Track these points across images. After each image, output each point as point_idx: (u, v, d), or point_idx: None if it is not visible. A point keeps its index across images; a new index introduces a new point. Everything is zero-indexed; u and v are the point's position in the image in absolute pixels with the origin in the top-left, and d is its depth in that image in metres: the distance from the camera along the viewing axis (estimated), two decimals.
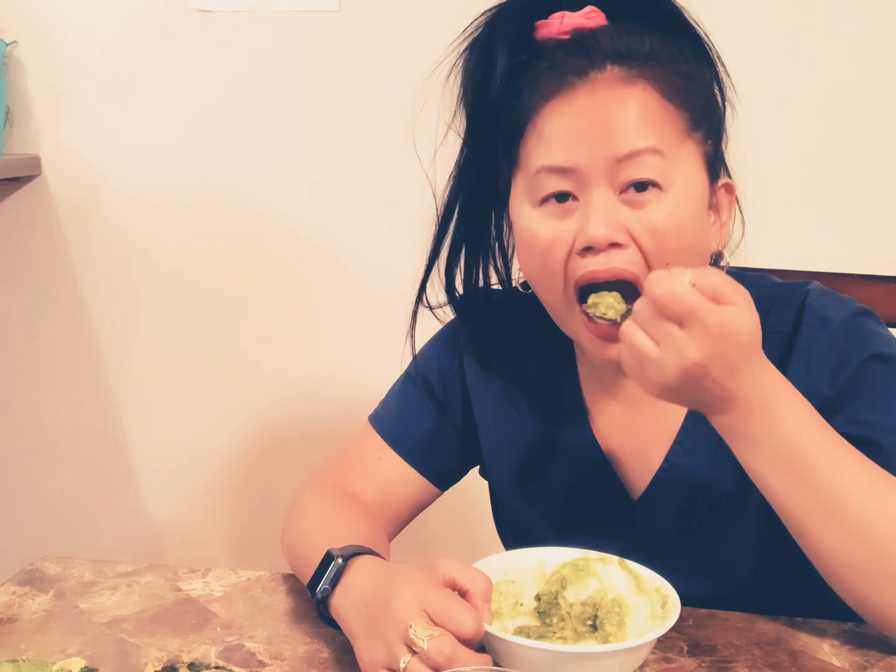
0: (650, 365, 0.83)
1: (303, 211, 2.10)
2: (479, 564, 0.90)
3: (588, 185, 0.92)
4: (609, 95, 0.91)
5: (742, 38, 1.87)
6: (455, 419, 1.12)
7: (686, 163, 0.94)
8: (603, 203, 0.91)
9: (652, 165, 0.91)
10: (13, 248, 2.23)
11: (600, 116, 0.91)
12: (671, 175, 0.92)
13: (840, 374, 0.96)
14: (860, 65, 1.84)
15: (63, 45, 2.13)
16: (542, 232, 0.95)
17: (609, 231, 0.90)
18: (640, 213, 0.92)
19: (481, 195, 1.03)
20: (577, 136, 0.91)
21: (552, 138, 0.93)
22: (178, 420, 2.23)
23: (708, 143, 0.97)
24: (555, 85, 0.93)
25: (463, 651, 0.77)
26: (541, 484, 1.08)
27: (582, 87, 0.92)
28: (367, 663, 0.82)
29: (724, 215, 1.00)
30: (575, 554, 0.94)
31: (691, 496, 1.02)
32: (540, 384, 1.08)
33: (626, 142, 0.91)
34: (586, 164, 0.91)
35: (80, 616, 0.98)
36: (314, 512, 1.07)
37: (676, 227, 0.92)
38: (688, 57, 0.96)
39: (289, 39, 2.04)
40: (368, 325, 2.07)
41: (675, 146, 0.93)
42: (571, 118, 0.92)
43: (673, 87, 0.93)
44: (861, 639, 0.93)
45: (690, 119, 0.94)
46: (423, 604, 0.79)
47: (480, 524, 1.26)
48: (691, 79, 0.95)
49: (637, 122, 0.91)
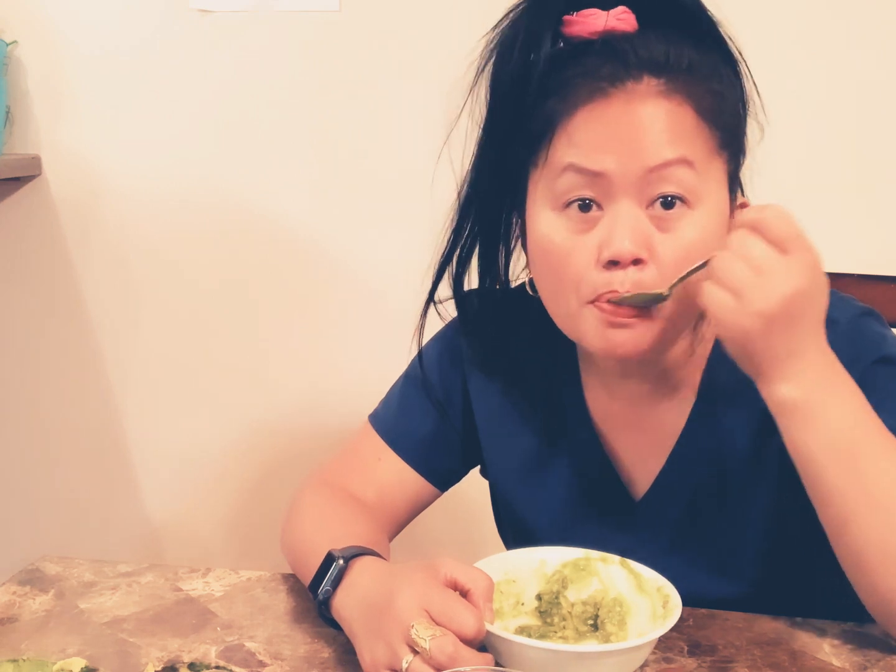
0: (751, 293, 0.82)
1: (303, 211, 2.10)
2: (480, 564, 0.90)
3: (614, 195, 0.89)
4: (644, 106, 0.89)
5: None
6: (455, 420, 1.12)
7: (713, 180, 0.92)
8: (631, 216, 0.89)
9: (681, 179, 0.89)
10: (13, 248, 2.23)
11: (634, 125, 0.89)
12: (699, 191, 0.90)
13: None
14: (858, 64, 1.84)
15: (63, 45, 2.13)
16: (560, 240, 0.92)
17: (634, 246, 0.88)
18: (666, 230, 0.90)
19: (499, 193, 1.00)
20: (609, 142, 0.89)
21: (582, 142, 0.90)
22: (178, 420, 2.23)
23: (732, 163, 0.95)
24: (588, 91, 0.89)
25: (465, 650, 0.77)
26: (542, 484, 1.08)
27: (616, 95, 0.89)
28: (369, 663, 0.82)
29: None
30: (576, 553, 0.95)
31: (693, 498, 1.02)
32: (541, 384, 1.08)
33: (657, 152, 0.88)
34: (615, 171, 0.89)
35: (80, 616, 0.98)
36: (314, 512, 1.07)
37: (700, 247, 0.90)
38: (721, 73, 0.93)
39: (289, 39, 2.04)
40: (369, 325, 2.07)
41: (706, 162, 0.91)
42: (604, 124, 0.89)
43: (707, 105, 0.91)
44: (861, 639, 0.93)
45: (721, 138, 0.92)
46: (425, 604, 0.79)
47: (481, 524, 1.26)
48: (724, 97, 0.93)
49: (671, 133, 0.89)
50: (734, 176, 0.96)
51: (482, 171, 0.99)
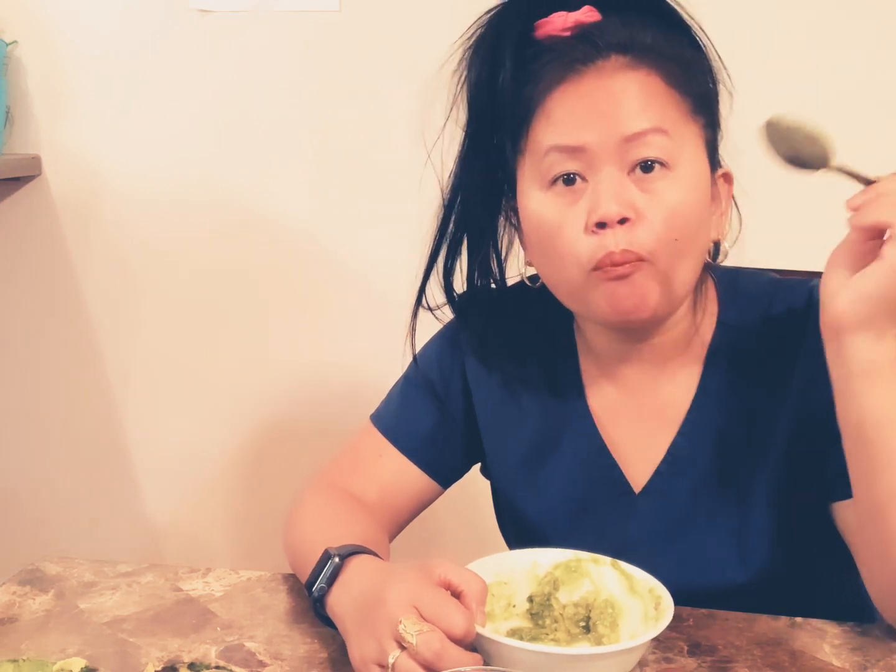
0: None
1: (303, 210, 2.10)
2: (472, 566, 0.89)
3: (596, 165, 0.93)
4: (614, 80, 0.94)
5: (751, 38, 1.87)
6: (456, 416, 1.13)
7: (690, 144, 0.96)
8: (613, 181, 0.93)
9: (658, 145, 0.93)
10: (13, 248, 2.23)
11: (607, 98, 0.93)
12: (676, 155, 0.94)
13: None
14: (860, 61, 1.84)
15: (63, 45, 2.13)
16: (551, 214, 0.96)
17: (620, 207, 0.92)
18: (649, 191, 0.93)
19: (483, 192, 1.03)
20: (585, 116, 0.93)
21: (560, 120, 0.94)
22: (178, 420, 2.23)
23: (708, 131, 0.99)
24: (561, 72, 0.94)
25: (452, 648, 0.77)
26: (543, 477, 1.08)
27: (588, 73, 0.94)
28: (358, 660, 0.82)
29: (724, 204, 1.02)
30: (567, 555, 0.94)
31: (694, 487, 1.02)
32: (540, 377, 1.09)
33: (632, 122, 0.93)
34: (595, 143, 0.93)
35: (80, 616, 0.98)
36: (314, 512, 1.07)
37: (684, 205, 0.94)
38: (684, 48, 0.98)
39: (289, 39, 2.04)
40: (370, 325, 2.07)
41: (680, 127, 0.95)
42: (579, 100, 0.94)
43: (674, 74, 0.95)
44: (861, 639, 0.93)
45: (692, 104, 0.96)
46: (415, 600, 0.79)
47: (482, 524, 1.26)
48: (691, 67, 0.97)
49: (642, 103, 0.93)
50: (712, 145, 1.00)
51: (466, 172, 1.02)
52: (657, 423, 1.04)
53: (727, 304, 1.05)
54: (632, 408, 1.05)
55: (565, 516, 1.07)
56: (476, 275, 1.06)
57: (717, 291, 1.06)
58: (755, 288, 1.05)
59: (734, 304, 1.04)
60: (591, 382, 1.07)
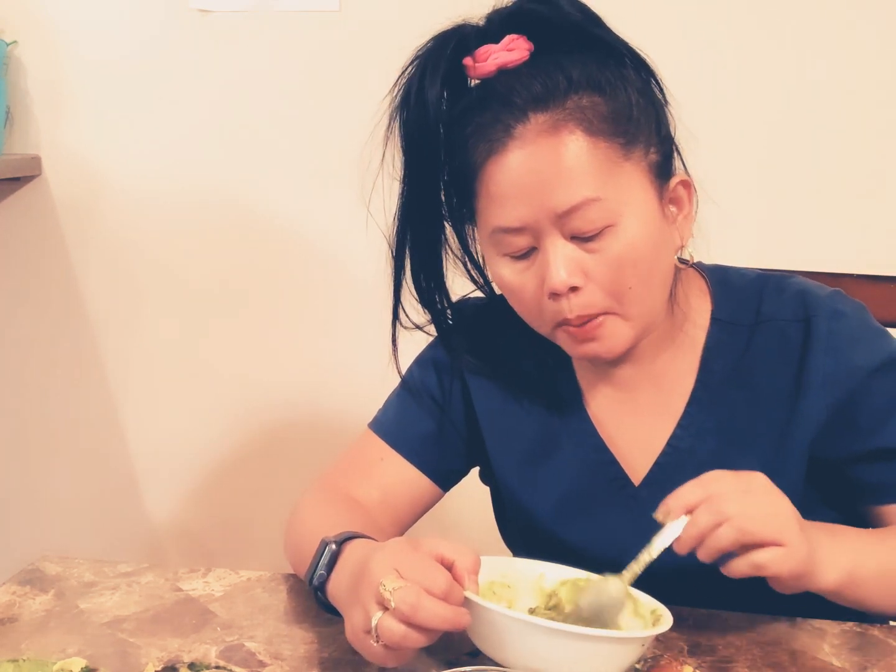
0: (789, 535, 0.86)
1: (302, 211, 2.09)
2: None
3: (540, 237, 0.95)
4: (536, 150, 0.93)
5: (753, 40, 1.87)
6: (456, 419, 1.13)
7: (629, 190, 0.95)
8: (558, 252, 0.94)
9: (592, 215, 0.93)
10: (13, 248, 2.23)
11: (533, 174, 0.93)
12: (616, 210, 0.94)
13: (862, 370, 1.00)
14: (860, 64, 1.84)
15: (63, 45, 2.13)
16: (510, 278, 0.99)
17: (568, 276, 0.94)
18: (595, 250, 0.95)
19: (428, 228, 1.05)
20: (518, 195, 0.94)
21: (497, 198, 0.96)
22: (178, 420, 2.23)
23: (651, 152, 0.97)
24: (488, 146, 0.95)
25: (428, 600, 0.77)
26: (545, 476, 1.09)
27: (512, 144, 0.94)
28: (349, 632, 0.83)
29: (686, 207, 1.01)
30: (576, 573, 0.93)
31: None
32: (537, 381, 1.10)
33: (561, 198, 0.93)
34: (531, 221, 0.94)
35: (80, 616, 0.98)
36: (316, 514, 1.07)
37: (633, 251, 0.95)
38: (606, 74, 0.96)
39: (289, 39, 2.04)
40: (370, 325, 2.05)
41: (614, 178, 0.94)
42: (508, 177, 0.94)
43: (598, 119, 0.93)
44: (861, 639, 0.93)
45: (623, 143, 0.94)
46: (396, 563, 0.80)
47: (482, 527, 1.26)
48: (614, 99, 0.95)
49: (568, 173, 0.93)
50: (658, 164, 0.98)
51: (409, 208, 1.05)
52: (655, 418, 1.06)
53: (720, 301, 1.06)
54: (629, 404, 1.07)
55: (568, 513, 1.08)
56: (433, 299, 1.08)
57: (710, 288, 1.07)
58: (745, 284, 1.07)
59: (727, 300, 1.06)
60: (587, 383, 1.09)
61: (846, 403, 1.00)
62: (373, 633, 0.79)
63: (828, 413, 1.00)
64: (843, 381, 0.99)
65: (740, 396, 1.03)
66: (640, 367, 1.06)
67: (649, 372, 1.06)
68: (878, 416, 1.00)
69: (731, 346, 1.04)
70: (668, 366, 1.06)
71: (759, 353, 1.03)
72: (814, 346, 1.00)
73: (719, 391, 1.04)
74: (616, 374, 1.07)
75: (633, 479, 1.06)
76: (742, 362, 1.04)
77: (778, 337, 1.03)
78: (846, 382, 0.99)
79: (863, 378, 0.99)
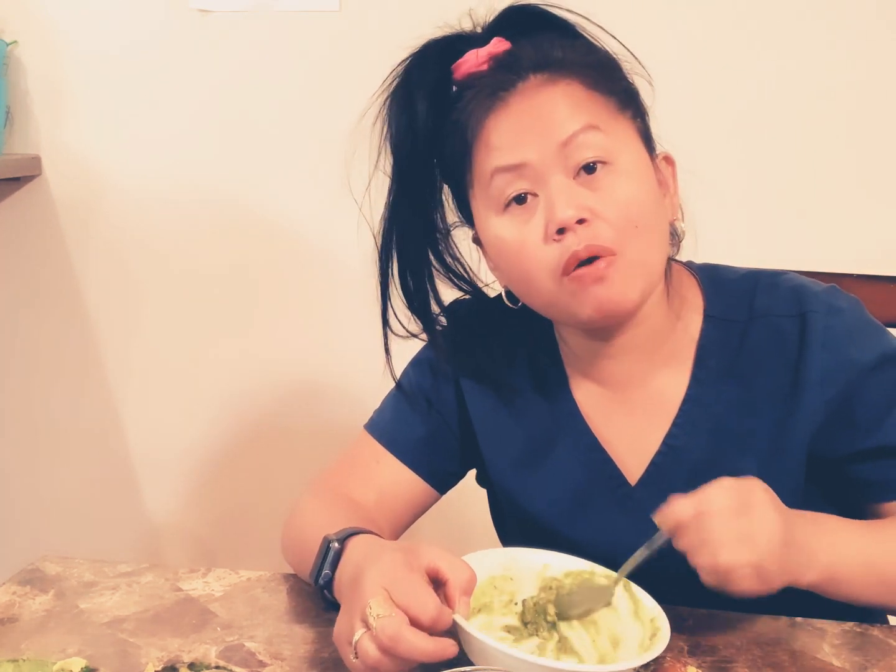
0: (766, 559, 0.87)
1: (302, 210, 2.10)
2: (479, 555, 0.89)
3: (543, 177, 0.96)
4: (539, 95, 0.97)
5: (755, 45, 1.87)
6: (451, 422, 1.14)
7: (624, 137, 0.99)
8: (562, 188, 0.95)
9: (594, 143, 0.96)
10: (13, 248, 2.23)
11: (536, 113, 0.96)
12: (614, 150, 0.97)
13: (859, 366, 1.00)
14: (861, 63, 1.84)
15: (63, 45, 2.13)
16: (510, 234, 0.98)
17: (574, 210, 0.94)
18: (598, 189, 0.96)
19: (416, 231, 1.06)
20: (521, 134, 0.96)
21: (498, 144, 0.97)
22: (178, 420, 2.23)
23: (638, 121, 1.01)
24: (488, 102, 0.98)
25: (410, 633, 0.77)
26: (541, 476, 1.09)
27: (512, 97, 0.97)
28: (335, 636, 0.84)
29: (672, 185, 1.05)
30: (581, 565, 0.94)
31: (691, 479, 1.02)
32: (528, 382, 1.10)
33: (564, 126, 0.96)
34: (535, 156, 0.96)
35: (80, 616, 0.98)
36: (313, 514, 1.07)
37: (634, 194, 0.97)
38: (595, 55, 1.02)
39: (289, 39, 2.04)
40: (370, 326, 2.06)
41: (611, 123, 0.98)
42: (510, 122, 0.97)
43: (592, 79, 0.98)
44: (861, 639, 0.93)
45: (617, 101, 0.99)
46: (388, 584, 0.80)
47: (482, 528, 1.26)
48: (604, 69, 1.00)
49: (569, 108, 0.97)
50: (645, 134, 1.03)
51: (397, 211, 1.06)
52: (650, 417, 1.05)
53: (712, 299, 1.06)
54: (621, 403, 1.07)
55: (564, 513, 1.08)
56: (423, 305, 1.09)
57: (701, 286, 1.07)
58: (736, 280, 1.08)
59: (719, 298, 1.06)
60: (577, 383, 1.09)
61: (844, 400, 1.00)
62: (351, 647, 0.80)
63: (825, 410, 1.00)
64: (841, 377, 0.99)
65: (736, 393, 1.03)
66: (632, 364, 1.05)
67: (642, 369, 1.05)
68: (876, 412, 1.00)
69: (725, 343, 1.04)
70: (661, 363, 1.05)
71: (753, 349, 1.03)
72: (810, 342, 1.00)
73: (714, 388, 1.04)
74: (608, 372, 1.06)
75: (628, 478, 1.06)
76: (737, 359, 1.03)
77: (773, 333, 1.02)
78: (843, 378, 0.99)
79: (860, 374, 0.99)
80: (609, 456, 1.06)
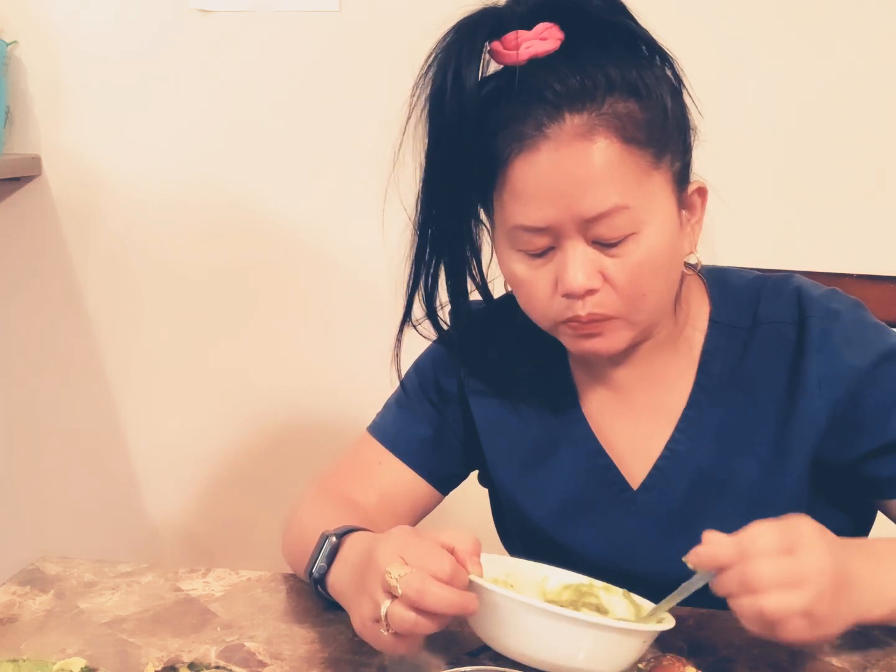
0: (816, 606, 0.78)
1: (302, 212, 2.09)
2: (483, 559, 0.89)
3: (562, 237, 0.93)
4: (570, 152, 0.91)
5: (751, 38, 1.87)
6: (454, 424, 1.13)
7: (655, 199, 0.94)
8: (578, 254, 0.93)
9: (620, 223, 0.92)
10: (13, 248, 2.23)
11: (564, 176, 0.91)
12: (641, 220, 0.93)
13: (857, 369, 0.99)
14: (860, 64, 1.84)
15: (63, 45, 2.13)
16: (522, 274, 0.97)
17: (585, 280, 0.93)
18: (616, 255, 0.93)
19: (451, 214, 1.01)
20: (546, 195, 0.92)
21: (523, 197, 0.93)
22: (178, 420, 2.23)
23: (675, 165, 0.96)
24: (518, 141, 0.92)
25: (434, 585, 0.77)
26: (543, 480, 1.09)
27: (543, 143, 0.91)
28: (359, 623, 0.84)
29: (698, 213, 1.01)
30: (580, 578, 0.94)
31: (693, 484, 1.03)
32: (534, 385, 1.10)
33: (592, 203, 0.91)
34: (556, 222, 0.92)
35: (80, 616, 0.98)
36: (314, 515, 1.07)
37: (652, 260, 0.94)
38: (642, 77, 0.93)
39: (289, 39, 2.04)
40: (371, 328, 2.06)
41: (643, 187, 0.93)
42: (536, 176, 0.92)
43: (633, 126, 0.91)
44: (861, 639, 0.92)
45: (654, 153, 0.93)
46: (400, 551, 0.80)
47: (482, 532, 1.26)
48: (648, 108, 0.93)
49: (601, 179, 0.91)
50: (682, 172, 0.97)
51: (431, 194, 1.00)
52: (653, 422, 1.05)
53: (718, 304, 1.06)
54: (626, 408, 1.06)
55: (566, 517, 1.08)
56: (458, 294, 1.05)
57: (708, 291, 1.07)
58: (743, 286, 1.07)
59: (725, 304, 1.06)
60: (584, 387, 1.08)
61: (847, 405, 0.99)
62: (383, 621, 0.79)
63: (828, 415, 0.99)
64: (840, 382, 0.99)
65: (738, 400, 1.03)
66: (637, 370, 1.05)
67: (646, 375, 1.05)
68: (882, 410, 0.99)
69: (729, 350, 1.04)
70: (666, 369, 1.05)
71: (756, 356, 1.03)
72: (808, 348, 1.00)
73: (717, 394, 1.03)
74: (613, 377, 1.06)
75: (631, 483, 1.05)
76: (740, 365, 1.03)
77: (775, 339, 1.02)
78: (842, 383, 0.98)
79: (860, 377, 0.98)
80: (612, 460, 1.06)
